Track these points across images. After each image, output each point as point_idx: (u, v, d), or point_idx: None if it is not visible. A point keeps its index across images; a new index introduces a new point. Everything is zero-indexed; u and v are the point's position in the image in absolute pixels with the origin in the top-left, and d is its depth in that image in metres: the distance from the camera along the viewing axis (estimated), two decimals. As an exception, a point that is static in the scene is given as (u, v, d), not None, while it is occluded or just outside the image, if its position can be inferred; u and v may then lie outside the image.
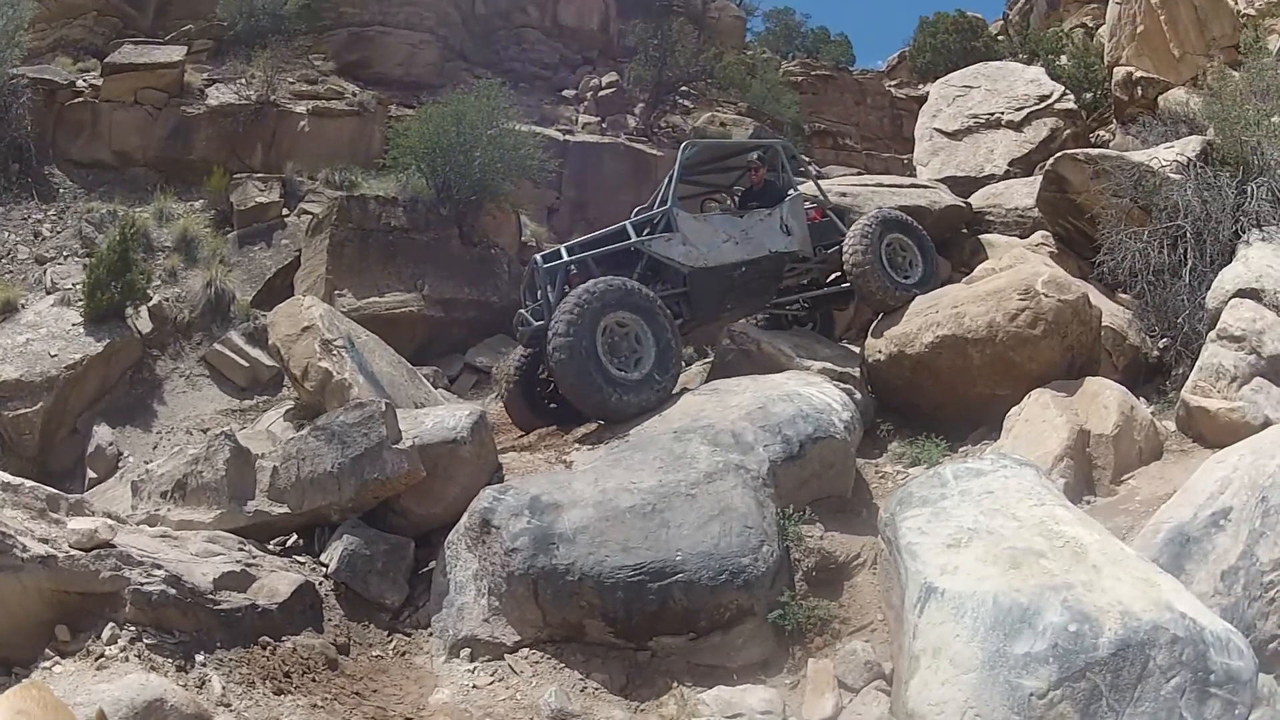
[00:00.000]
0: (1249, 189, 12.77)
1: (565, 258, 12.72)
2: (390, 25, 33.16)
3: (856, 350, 13.94)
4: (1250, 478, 7.13)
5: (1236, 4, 21.48)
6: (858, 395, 11.93)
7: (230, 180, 23.54)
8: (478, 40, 36.53)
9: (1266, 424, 9.14)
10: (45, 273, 20.17)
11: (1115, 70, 25.23)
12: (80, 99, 25.67)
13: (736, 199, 15.81)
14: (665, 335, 11.89)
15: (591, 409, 11.47)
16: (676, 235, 13.11)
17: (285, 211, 22.92)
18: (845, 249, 13.61)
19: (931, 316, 12.33)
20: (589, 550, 7.84)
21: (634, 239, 12.89)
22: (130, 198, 23.53)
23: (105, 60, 26.80)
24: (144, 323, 18.42)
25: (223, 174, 23.73)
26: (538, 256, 13.06)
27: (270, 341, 14.45)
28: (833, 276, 14.99)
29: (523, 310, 13.08)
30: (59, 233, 22.18)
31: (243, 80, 27.89)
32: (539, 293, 12.76)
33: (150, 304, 18.68)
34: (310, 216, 21.35)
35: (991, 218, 18.48)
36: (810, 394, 10.38)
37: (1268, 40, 20.03)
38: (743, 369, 12.56)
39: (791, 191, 14.70)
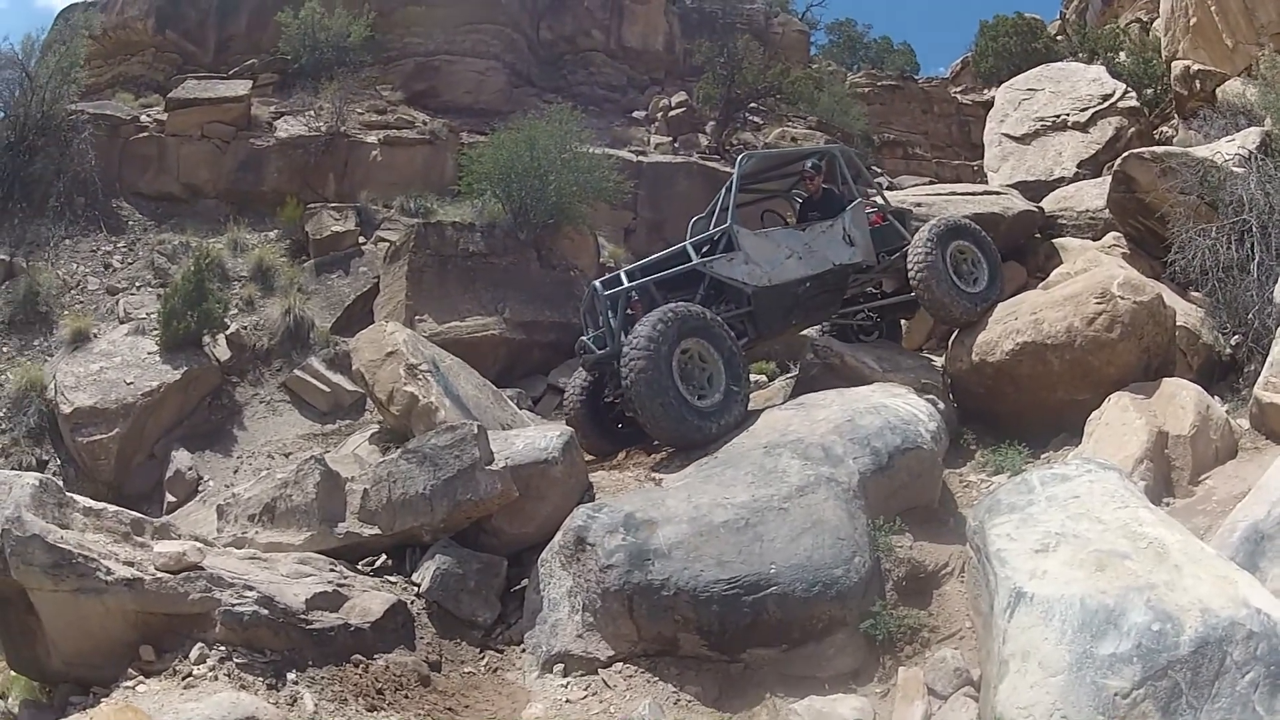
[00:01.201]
0: None
1: (625, 283, 12.41)
2: (456, 54, 33.43)
3: (938, 360, 13.95)
4: None
5: (1282, -12, 21.30)
6: (941, 405, 11.88)
7: (304, 210, 23.80)
8: (544, 65, 36.80)
9: None
10: (118, 303, 20.54)
11: (1173, 64, 25.02)
12: (145, 134, 26.08)
13: (796, 207, 15.42)
14: (734, 360, 11.70)
15: (673, 439, 11.14)
16: (738, 254, 12.87)
17: (361, 239, 23.11)
18: (910, 259, 13.32)
19: (1011, 324, 12.36)
20: (684, 565, 7.90)
21: (695, 260, 12.60)
22: (202, 229, 23.84)
23: (169, 96, 27.28)
24: (222, 350, 18.68)
25: (296, 204, 24.03)
26: (597, 283, 12.76)
27: (354, 367, 14.56)
28: (897, 286, 14.76)
29: (584, 338, 12.86)
30: (130, 264, 22.49)
31: (310, 112, 28.14)
32: (600, 319, 12.50)
33: (228, 332, 18.94)
34: (387, 244, 21.48)
35: (1063, 221, 18.37)
36: (896, 405, 10.41)
37: None
38: (827, 383, 12.57)
39: (854, 200, 14.36)
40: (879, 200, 15.19)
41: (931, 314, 14.08)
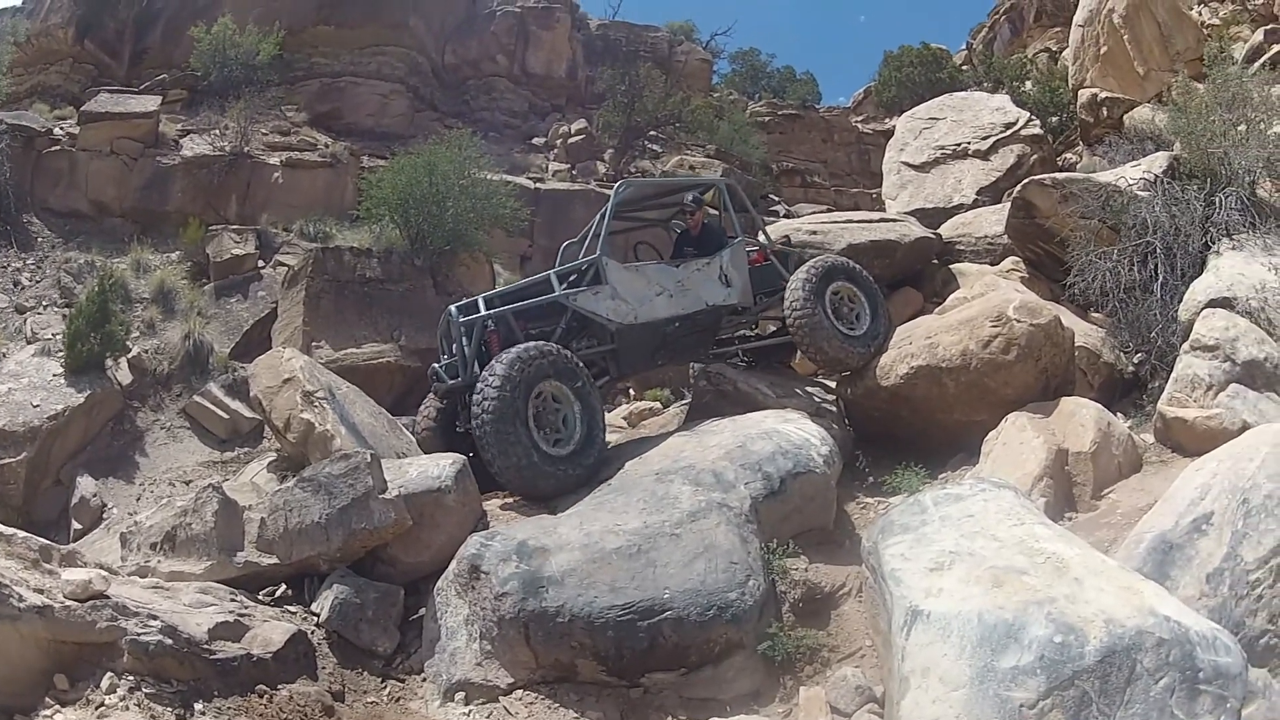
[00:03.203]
0: (1217, 200, 13.01)
1: (483, 310, 11.90)
2: (361, 75, 33.58)
3: (833, 384, 13.91)
4: (1230, 481, 7.30)
5: (1200, 15, 21.72)
6: (836, 429, 12.02)
7: (206, 232, 23.82)
8: (448, 90, 37.02)
9: (1245, 429, 9.30)
10: (25, 322, 20.46)
11: (1080, 92, 25.57)
12: (58, 147, 26.09)
13: (673, 239, 15.08)
14: (591, 404, 11.32)
15: (523, 490, 10.60)
16: (605, 288, 12.30)
17: (261, 263, 23.17)
18: (786, 301, 13.06)
19: (905, 348, 12.54)
20: (578, 592, 7.90)
21: (558, 292, 12.08)
22: (108, 248, 23.88)
23: (82, 109, 27.30)
24: (124, 374, 18.63)
25: (198, 225, 24.02)
26: (452, 308, 12.17)
27: (252, 394, 14.50)
28: (774, 328, 14.57)
29: (436, 365, 12.38)
30: (38, 282, 22.45)
31: (216, 131, 28.27)
32: (454, 346, 12.01)
33: (130, 355, 18.88)
34: (285, 268, 21.50)
35: (962, 247, 18.55)
36: (788, 430, 10.49)
37: (1233, 49, 20.27)
38: (720, 409, 12.59)
39: (735, 237, 13.98)
40: (761, 238, 14.72)
41: (817, 363, 13.76)
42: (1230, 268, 11.90)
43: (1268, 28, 24.45)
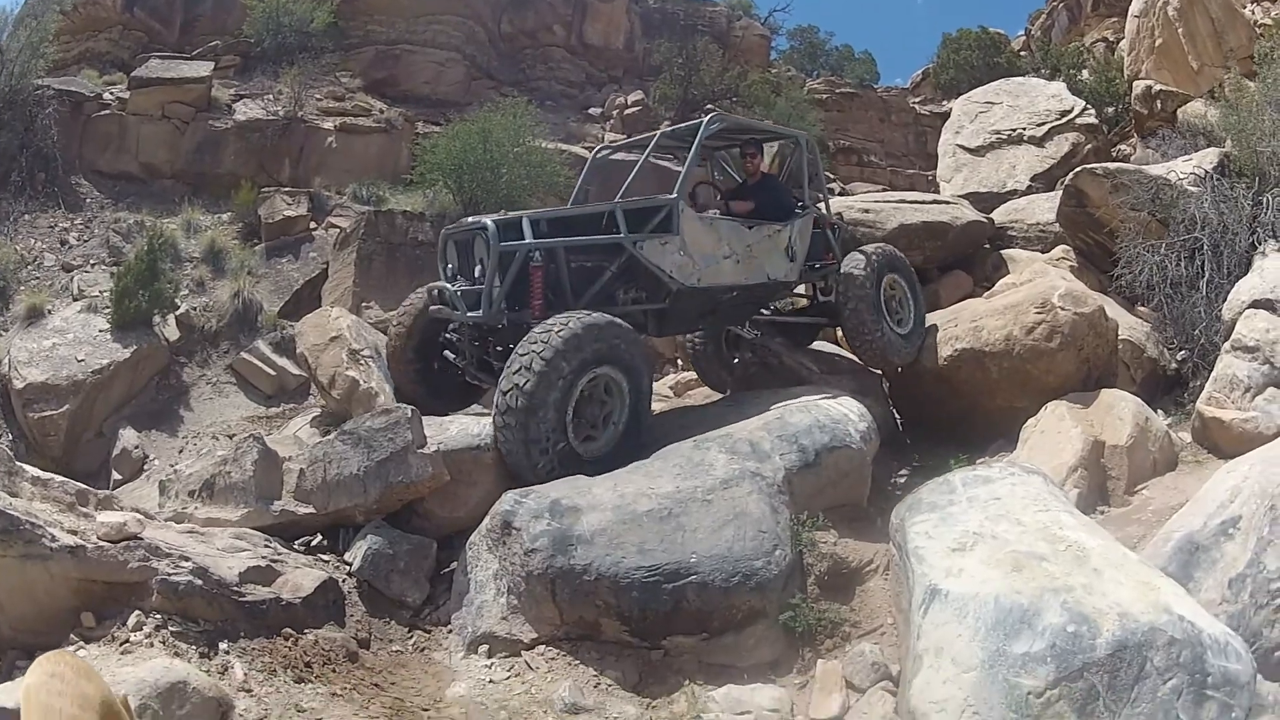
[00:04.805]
0: (1265, 200, 12.92)
1: (529, 236, 10.38)
2: (417, 44, 33.57)
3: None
4: (1260, 486, 7.24)
5: (1253, 14, 21.62)
6: (877, 408, 12.00)
7: (258, 194, 23.91)
8: (504, 59, 36.95)
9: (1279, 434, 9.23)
10: (72, 280, 20.60)
11: (1135, 84, 25.45)
12: (107, 111, 26.18)
13: (718, 185, 13.73)
14: (643, 395, 10.24)
15: (524, 478, 9.30)
16: (675, 240, 11.04)
17: (313, 225, 23.25)
18: (841, 287, 12.62)
19: (950, 330, 12.61)
20: (606, 552, 7.97)
21: (624, 234, 10.76)
22: (157, 209, 24.00)
23: (132, 75, 27.43)
24: (171, 331, 18.76)
25: (250, 188, 24.13)
26: (489, 222, 10.44)
27: (298, 350, 14.66)
28: (805, 304, 14.06)
29: (449, 285, 11.04)
30: (85, 241, 22.56)
31: (270, 96, 28.36)
32: (479, 269, 10.67)
33: (178, 313, 19.02)
34: (338, 230, 21.64)
35: (1013, 233, 18.68)
36: (828, 405, 10.50)
37: None
38: (764, 382, 12.67)
39: (804, 205, 13.04)
40: (823, 208, 13.61)
41: (863, 357, 13.02)
42: (1275, 269, 11.79)
43: None
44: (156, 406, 17.90)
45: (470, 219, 11.44)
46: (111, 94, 27.10)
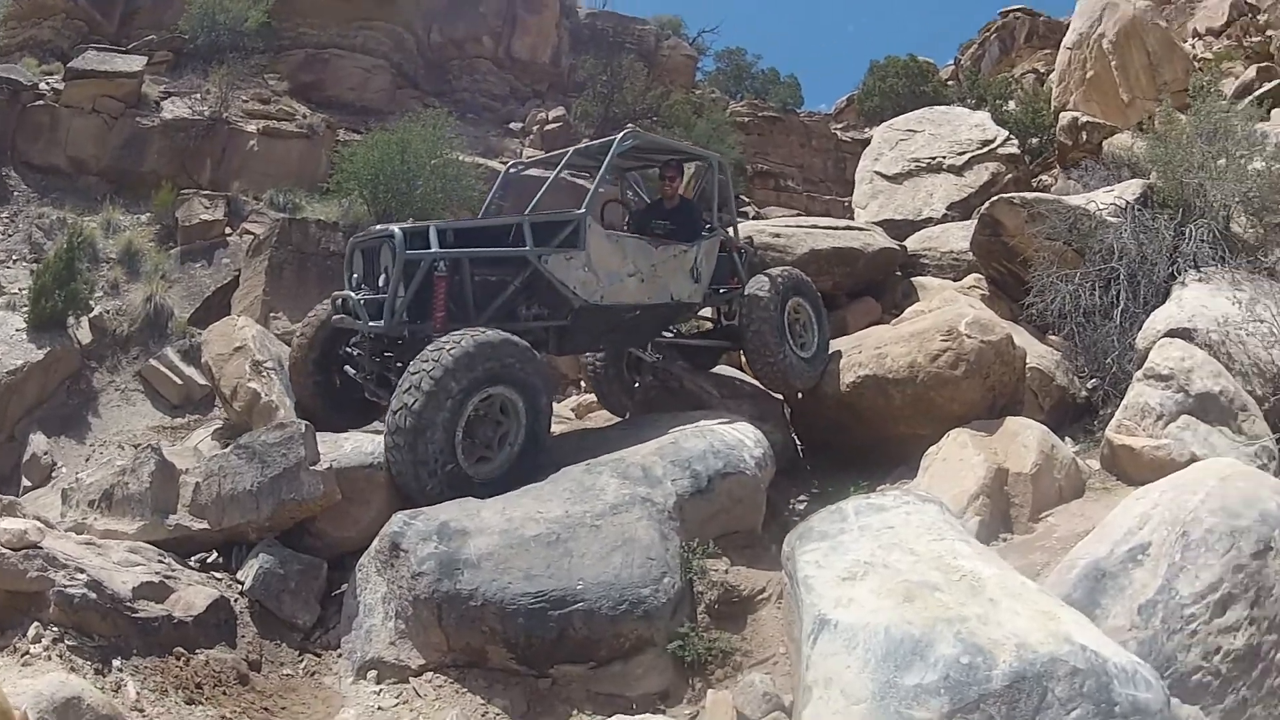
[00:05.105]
0: (1188, 230, 13.14)
1: (435, 245, 10.23)
2: (346, 49, 33.68)
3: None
4: (1171, 513, 7.25)
5: (1193, 48, 22.01)
6: (776, 434, 12.02)
7: (178, 196, 23.83)
8: (431, 69, 37.13)
9: (1193, 461, 9.29)
10: (-6, 274, 20.35)
11: (1062, 115, 25.84)
12: (42, 102, 26.18)
13: (631, 210, 13.89)
14: (540, 416, 9.98)
15: (414, 498, 9.19)
16: (580, 255, 11.00)
17: (228, 230, 23.28)
18: (745, 310, 12.56)
19: (854, 356, 12.60)
20: (492, 577, 7.89)
21: (529, 248, 10.64)
22: (80, 206, 24.00)
23: (68, 65, 27.43)
24: (84, 333, 18.68)
25: (170, 189, 24.09)
26: (398, 229, 10.26)
27: (203, 360, 14.52)
28: (709, 327, 14.04)
29: (352, 294, 10.81)
30: (10, 235, 22.51)
31: (198, 95, 28.31)
32: (384, 278, 10.46)
33: (91, 315, 18.92)
34: (252, 237, 21.50)
35: (926, 260, 18.81)
36: (723, 431, 10.44)
37: (1222, 83, 20.48)
38: (665, 405, 12.61)
39: (713, 227, 13.06)
40: (731, 232, 13.67)
41: (765, 381, 12.98)
42: (1194, 299, 11.99)
43: (1262, 65, 24.78)
44: (67, 411, 17.79)
45: (378, 227, 11.25)
46: (48, 84, 27.11)
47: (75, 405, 17.95)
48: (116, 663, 7.12)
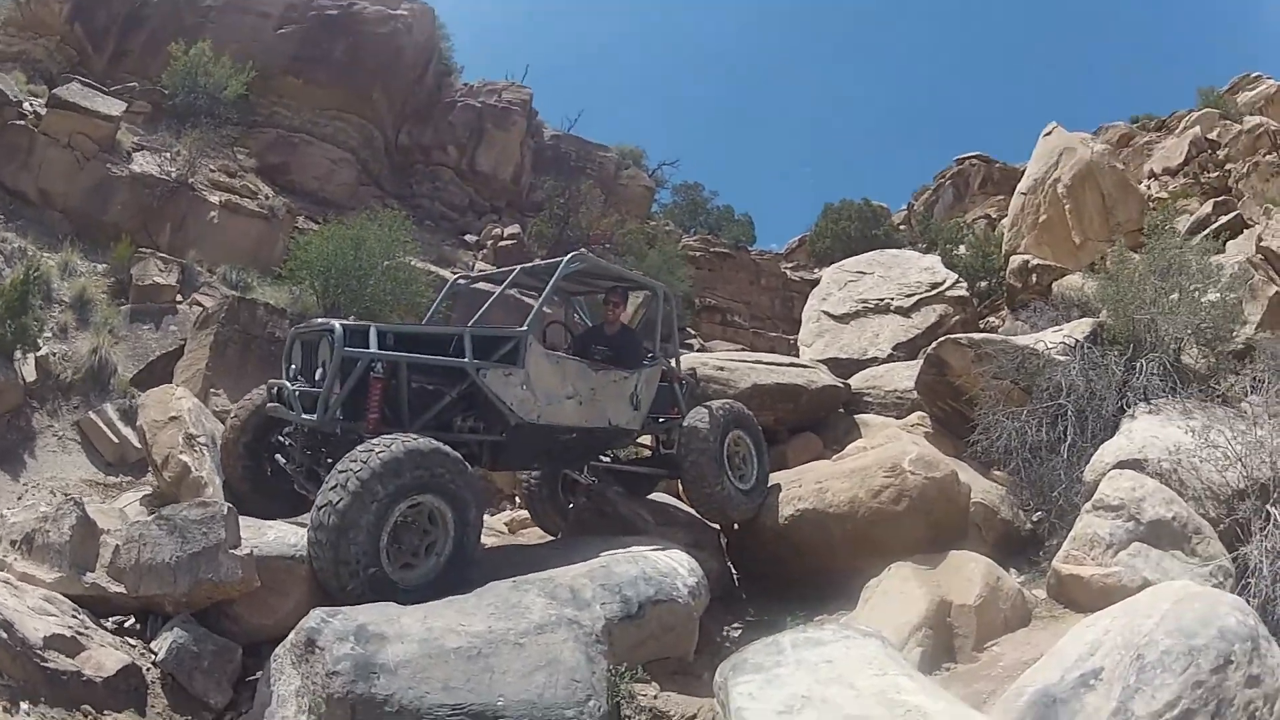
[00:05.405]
0: (1139, 365, 13.39)
1: (374, 346, 10.16)
2: (316, 137, 34.23)
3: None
4: (1124, 637, 7.19)
5: (1149, 188, 22.46)
6: (712, 563, 12.10)
7: (134, 253, 23.76)
8: (395, 171, 37.78)
9: (1145, 585, 9.23)
10: (-53, 298, 20.27)
11: (1012, 258, 26.24)
12: (22, 123, 26.20)
13: (574, 333, 13.90)
14: (469, 528, 9.74)
15: (339, 597, 8.97)
16: (519, 373, 10.96)
17: (179, 298, 23.22)
18: (684, 440, 12.56)
19: (794, 490, 12.69)
20: (409, 684, 7.78)
21: (469, 360, 10.62)
22: (42, 240, 24.08)
23: (53, 92, 27.57)
24: (30, 370, 18.52)
25: (129, 244, 24.01)
26: (338, 326, 10.16)
27: (139, 423, 14.43)
28: (648, 454, 14.23)
29: (289, 384, 10.89)
30: (-32, 259, 22.29)
31: (168, 154, 28.39)
32: (321, 372, 10.40)
33: (39, 354, 18.73)
34: (201, 308, 21.53)
35: (870, 399, 19.00)
36: (657, 557, 10.45)
37: (1177, 220, 20.91)
38: (598, 529, 12.58)
39: (654, 356, 13.22)
40: (673, 362, 13.80)
41: (702, 510, 12.97)
42: (1144, 430, 12.16)
43: (1218, 199, 25.37)
44: (5, 445, 17.58)
45: (319, 320, 11.23)
46: (30, 106, 27.20)
47: (13, 441, 17.71)
48: (24, 706, 7.05)
